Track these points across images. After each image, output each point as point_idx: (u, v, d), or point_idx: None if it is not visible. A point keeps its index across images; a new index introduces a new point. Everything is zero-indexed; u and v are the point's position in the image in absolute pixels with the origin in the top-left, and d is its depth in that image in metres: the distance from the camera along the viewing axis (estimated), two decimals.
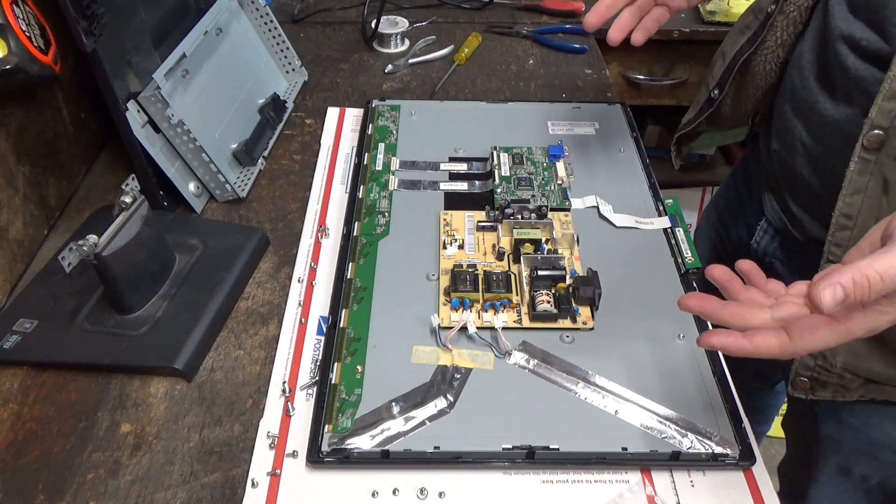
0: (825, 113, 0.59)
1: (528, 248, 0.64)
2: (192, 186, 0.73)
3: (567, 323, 0.60)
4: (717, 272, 0.44)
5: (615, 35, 0.65)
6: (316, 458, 0.51)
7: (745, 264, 0.45)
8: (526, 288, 0.61)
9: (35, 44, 0.61)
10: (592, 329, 0.59)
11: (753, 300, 0.43)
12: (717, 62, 0.74)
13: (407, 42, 1.06)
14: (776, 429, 1.12)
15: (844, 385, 0.60)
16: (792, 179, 0.66)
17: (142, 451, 0.53)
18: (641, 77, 1.31)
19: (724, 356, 0.58)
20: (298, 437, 0.53)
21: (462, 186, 0.75)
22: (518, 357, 0.57)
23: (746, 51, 0.68)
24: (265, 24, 0.89)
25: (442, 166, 0.78)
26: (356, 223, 0.70)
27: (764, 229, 0.74)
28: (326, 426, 0.52)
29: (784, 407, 0.97)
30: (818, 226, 0.64)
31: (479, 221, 0.69)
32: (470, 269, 0.62)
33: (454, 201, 0.73)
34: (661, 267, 0.66)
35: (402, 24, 1.05)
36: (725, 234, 0.84)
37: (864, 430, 0.66)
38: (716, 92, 0.73)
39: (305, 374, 0.58)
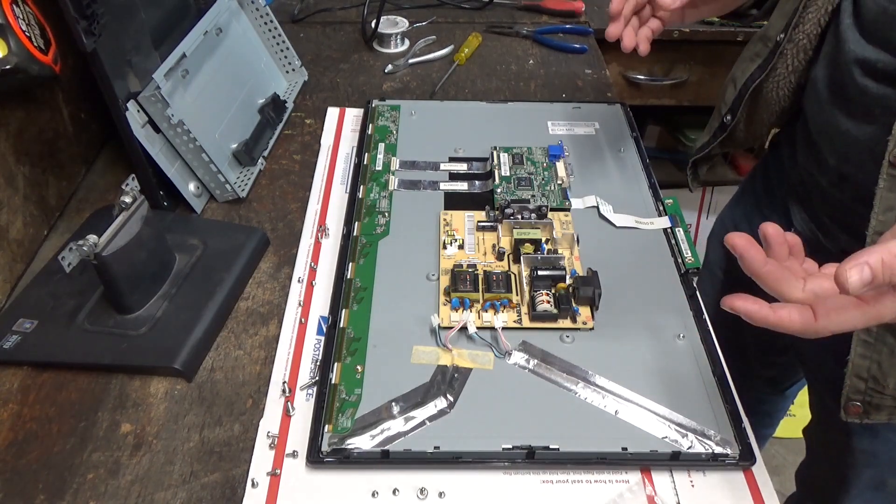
0: (847, 133, 0.59)
1: (528, 248, 0.64)
2: (192, 186, 0.73)
3: (567, 323, 0.60)
4: (739, 240, 0.42)
5: (629, 42, 0.65)
6: (316, 458, 0.51)
7: (780, 234, 0.43)
8: (526, 288, 0.61)
9: (35, 44, 0.61)
10: (592, 329, 0.59)
11: (792, 268, 0.42)
12: (728, 88, 0.74)
13: (407, 42, 1.06)
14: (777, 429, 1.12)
15: None
16: (821, 194, 0.65)
17: (142, 451, 0.53)
18: (641, 77, 1.31)
19: (725, 357, 0.58)
20: (298, 437, 0.53)
21: (462, 186, 0.75)
22: (518, 357, 0.57)
23: (757, 78, 0.69)
24: (265, 24, 0.89)
25: (442, 166, 0.78)
26: (356, 223, 0.70)
27: None
28: (326, 426, 0.52)
29: (791, 408, 0.97)
30: (851, 239, 0.63)
31: (479, 221, 0.69)
32: (470, 269, 0.62)
33: (454, 201, 0.73)
34: (661, 267, 0.66)
35: (402, 24, 1.05)
36: None
37: None
38: (728, 118, 0.73)
39: (305, 374, 0.58)
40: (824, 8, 0.61)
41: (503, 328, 0.59)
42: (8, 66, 0.58)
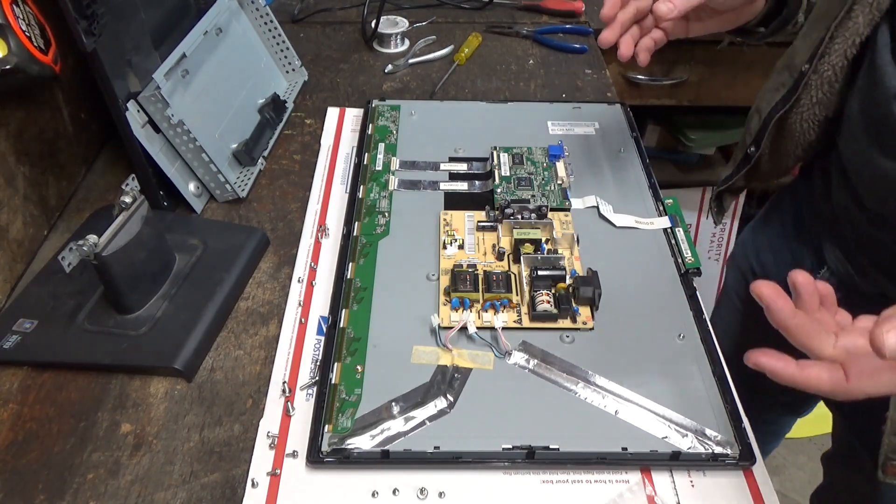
0: (887, 173, 0.57)
1: (528, 248, 0.64)
2: (192, 186, 0.73)
3: (567, 323, 0.60)
4: (766, 289, 0.39)
5: (626, 50, 0.62)
6: (316, 458, 0.51)
7: (811, 284, 0.40)
8: (526, 288, 0.61)
9: (35, 44, 0.61)
10: (592, 329, 0.59)
11: (823, 321, 0.39)
12: (753, 119, 0.72)
13: (407, 42, 1.06)
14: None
15: None
16: (858, 233, 0.63)
17: (142, 451, 0.53)
18: (641, 77, 1.31)
19: (725, 360, 0.58)
20: (298, 437, 0.53)
21: (462, 186, 0.75)
22: (518, 357, 0.57)
23: (781, 109, 0.66)
24: (265, 24, 0.89)
25: (442, 166, 0.78)
26: (356, 223, 0.70)
27: (826, 278, 0.68)
28: (326, 426, 0.52)
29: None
30: (890, 283, 0.61)
31: (479, 221, 0.69)
32: (470, 269, 0.62)
33: (454, 201, 0.73)
34: (661, 267, 0.66)
35: (402, 24, 1.05)
36: (763, 274, 0.79)
37: None
38: (752, 149, 0.71)
39: (305, 374, 0.58)
40: (851, 39, 0.58)
41: (503, 328, 0.59)
42: (8, 66, 0.58)
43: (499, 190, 0.73)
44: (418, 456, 0.51)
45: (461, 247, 0.67)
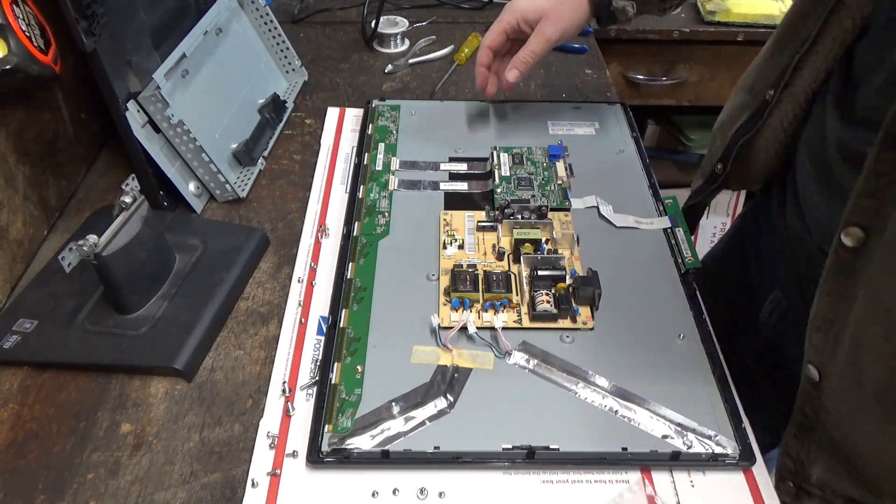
0: (828, 212, 0.56)
1: (528, 248, 0.64)
2: (192, 186, 0.73)
3: (567, 323, 0.60)
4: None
5: (492, 90, 0.79)
6: (316, 458, 0.51)
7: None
8: (526, 288, 0.61)
9: (35, 44, 0.61)
10: (592, 329, 0.59)
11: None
12: (717, 138, 0.72)
13: (407, 42, 1.06)
14: None
15: (829, 500, 0.57)
16: (810, 260, 0.60)
17: (142, 451, 0.53)
18: (641, 77, 1.31)
19: (726, 363, 0.58)
20: (298, 437, 0.53)
21: (462, 186, 0.75)
22: (518, 357, 0.57)
23: (746, 133, 0.67)
24: (265, 24, 0.89)
25: (442, 166, 0.78)
26: (356, 223, 0.70)
27: (777, 300, 0.68)
28: (326, 426, 0.52)
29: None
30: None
31: (479, 221, 0.69)
32: (470, 269, 0.62)
33: (454, 201, 0.73)
34: (661, 267, 0.66)
35: (402, 24, 1.05)
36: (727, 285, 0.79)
37: None
38: (719, 167, 0.72)
39: (305, 374, 0.58)
40: (816, 74, 0.58)
41: (503, 328, 0.59)
42: (8, 66, 0.58)
43: (499, 190, 0.73)
44: (418, 456, 0.51)
45: (461, 247, 0.67)
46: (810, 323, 0.52)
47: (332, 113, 0.90)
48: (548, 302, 0.60)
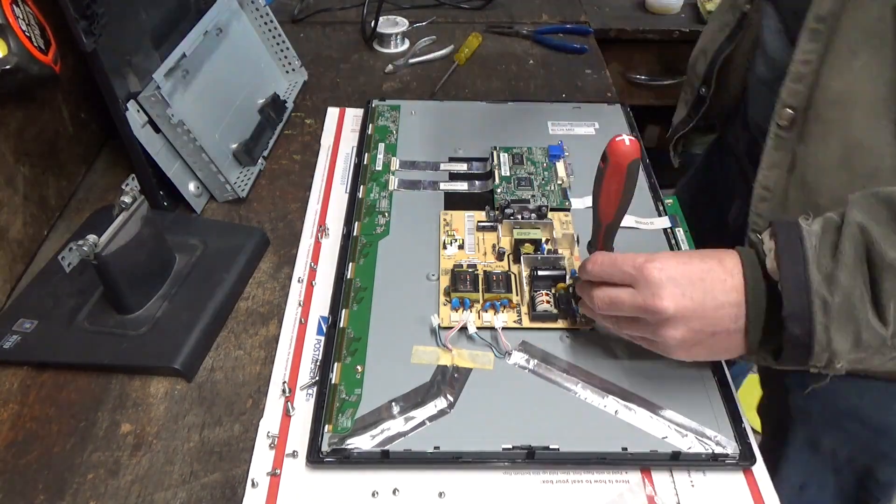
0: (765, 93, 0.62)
1: (528, 248, 0.64)
2: (192, 186, 0.73)
3: (567, 323, 0.59)
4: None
5: None
6: (316, 458, 0.51)
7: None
8: (526, 288, 0.61)
9: (35, 44, 0.61)
10: (592, 329, 0.59)
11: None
12: (699, 60, 0.75)
13: (407, 42, 1.06)
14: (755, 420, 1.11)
15: None
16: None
17: (142, 451, 0.53)
18: (641, 77, 1.31)
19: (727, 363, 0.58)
20: (298, 437, 0.53)
21: (462, 186, 0.75)
22: (518, 357, 0.57)
23: (727, 48, 0.70)
24: (265, 24, 0.89)
25: (442, 166, 0.78)
26: (356, 223, 0.70)
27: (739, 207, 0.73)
28: (326, 426, 0.52)
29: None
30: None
31: (479, 221, 0.69)
32: (470, 269, 0.62)
33: (454, 201, 0.73)
34: None
35: (402, 24, 1.05)
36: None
37: (832, 399, 0.66)
38: (703, 90, 0.75)
39: (305, 374, 0.58)
40: None
41: (503, 328, 0.59)
42: (8, 66, 0.58)
43: (499, 190, 0.73)
44: (418, 456, 0.51)
45: (461, 247, 0.67)
46: (755, 196, 0.61)
47: (332, 113, 0.90)
48: (548, 302, 0.59)
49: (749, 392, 1.03)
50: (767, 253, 0.47)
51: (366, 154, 0.79)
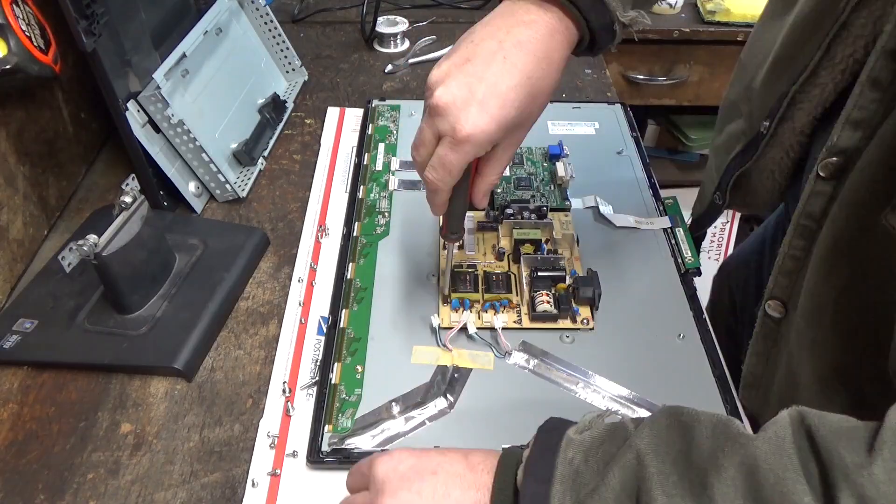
0: None
1: (528, 248, 0.64)
2: (192, 186, 0.73)
3: (567, 323, 0.60)
4: None
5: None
6: (316, 458, 0.51)
7: None
8: (526, 288, 0.61)
9: (35, 44, 0.61)
10: (592, 329, 0.59)
11: None
12: (712, 169, 0.68)
13: (407, 42, 1.06)
14: None
15: None
16: None
17: (142, 450, 0.53)
18: (641, 77, 1.31)
19: (726, 357, 0.58)
20: (298, 437, 0.53)
21: None
22: (518, 357, 0.57)
23: (740, 166, 0.61)
24: (265, 24, 0.89)
25: None
26: (356, 223, 0.70)
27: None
28: (326, 426, 0.52)
29: None
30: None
31: (479, 221, 0.69)
32: (470, 270, 0.62)
33: None
34: (661, 267, 0.66)
35: (402, 24, 1.05)
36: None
37: None
38: (717, 197, 0.66)
39: (305, 374, 0.58)
40: (816, 108, 0.52)
41: (503, 328, 0.59)
42: (8, 66, 0.58)
43: (499, 190, 0.73)
44: None
45: (461, 247, 0.67)
46: (742, 379, 0.59)
47: (332, 113, 0.90)
48: (548, 302, 0.59)
49: None
50: (523, 460, 0.38)
51: (366, 154, 0.79)
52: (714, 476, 0.33)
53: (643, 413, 0.53)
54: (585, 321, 0.60)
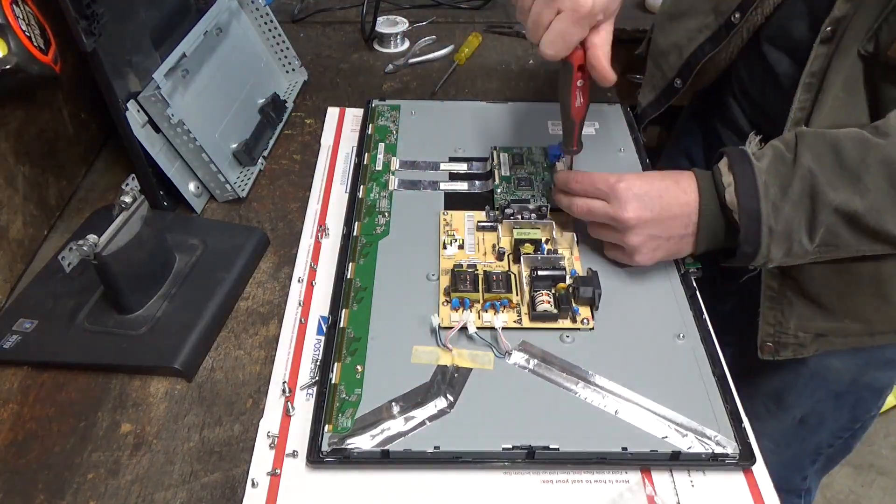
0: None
1: (528, 248, 0.64)
2: (192, 186, 0.73)
3: (567, 323, 0.60)
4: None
5: None
6: (316, 458, 0.51)
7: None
8: (526, 288, 0.61)
9: (35, 44, 0.61)
10: (592, 329, 0.59)
11: None
12: (672, 53, 0.78)
13: (407, 42, 1.06)
14: None
15: (800, 343, 0.70)
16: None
17: (142, 450, 0.53)
18: (641, 77, 1.31)
19: (726, 359, 0.59)
20: (298, 437, 0.53)
21: (462, 186, 0.75)
22: (518, 357, 0.57)
23: (710, 51, 0.73)
24: (265, 23, 0.88)
25: (442, 166, 0.78)
26: (356, 223, 0.70)
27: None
28: (326, 426, 0.52)
29: None
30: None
31: (479, 221, 0.69)
32: (470, 269, 0.62)
33: (454, 201, 0.73)
34: (661, 267, 0.66)
35: (402, 24, 1.05)
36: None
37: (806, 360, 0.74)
38: (678, 82, 0.78)
39: (305, 374, 0.58)
40: None
41: (503, 328, 0.59)
42: (8, 66, 0.58)
43: (499, 190, 0.73)
44: (418, 456, 0.51)
45: (461, 247, 0.67)
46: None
47: (332, 113, 0.90)
48: (548, 302, 0.59)
49: None
50: (727, 186, 0.57)
51: (366, 154, 0.79)
52: (864, 171, 0.54)
53: (643, 413, 0.53)
54: (585, 321, 0.60)
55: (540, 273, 0.61)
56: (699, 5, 0.74)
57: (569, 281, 0.61)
